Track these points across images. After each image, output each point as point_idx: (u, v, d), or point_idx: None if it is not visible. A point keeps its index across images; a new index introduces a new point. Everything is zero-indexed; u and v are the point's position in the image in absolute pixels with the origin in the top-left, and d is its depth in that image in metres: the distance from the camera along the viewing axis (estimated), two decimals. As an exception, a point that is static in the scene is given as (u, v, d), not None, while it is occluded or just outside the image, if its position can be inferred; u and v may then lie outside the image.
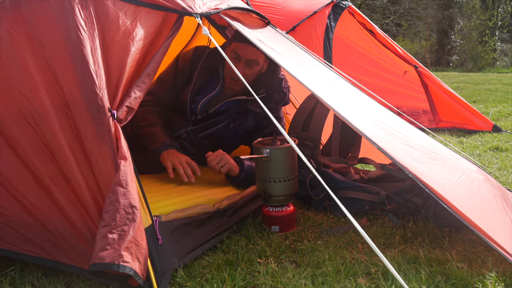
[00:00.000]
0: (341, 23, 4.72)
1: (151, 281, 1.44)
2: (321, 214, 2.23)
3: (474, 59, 17.11)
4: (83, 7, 1.66)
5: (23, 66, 1.61)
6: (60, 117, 1.57)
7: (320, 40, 4.54)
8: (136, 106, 1.63)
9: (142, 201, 1.53)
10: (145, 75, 1.67)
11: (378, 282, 1.55)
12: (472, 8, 18.47)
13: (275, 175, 1.98)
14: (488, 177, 2.08)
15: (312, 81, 1.88)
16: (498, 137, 4.04)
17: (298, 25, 4.62)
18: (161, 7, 1.77)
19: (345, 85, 2.27)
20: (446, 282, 1.54)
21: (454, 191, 1.69)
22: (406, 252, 1.77)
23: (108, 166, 1.50)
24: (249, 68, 2.25)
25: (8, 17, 1.66)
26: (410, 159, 1.65)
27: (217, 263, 1.71)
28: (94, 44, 1.61)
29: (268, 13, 4.37)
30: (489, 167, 3.03)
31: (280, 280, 1.58)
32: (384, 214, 2.13)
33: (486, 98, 7.01)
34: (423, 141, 2.00)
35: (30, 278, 1.66)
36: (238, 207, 2.05)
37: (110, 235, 1.37)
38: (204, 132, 2.43)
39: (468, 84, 9.71)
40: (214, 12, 1.85)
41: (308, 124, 2.42)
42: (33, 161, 1.59)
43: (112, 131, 1.51)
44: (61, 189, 1.57)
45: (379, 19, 17.76)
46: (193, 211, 1.85)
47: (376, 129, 1.78)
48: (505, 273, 1.58)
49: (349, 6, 4.74)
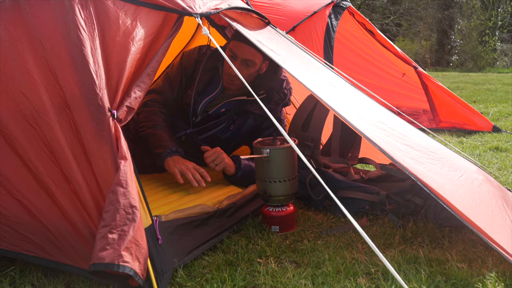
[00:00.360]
0: (341, 23, 4.72)
1: (151, 281, 1.44)
2: (321, 214, 2.23)
3: (474, 59, 17.12)
4: (83, 7, 1.66)
5: (23, 66, 1.61)
6: (60, 117, 1.57)
7: (320, 40, 4.54)
8: (136, 106, 1.63)
9: (142, 201, 1.53)
10: (145, 75, 1.67)
11: (378, 282, 1.55)
12: (472, 8, 18.49)
13: (275, 175, 1.98)
14: (488, 177, 2.08)
15: (312, 81, 1.88)
16: (498, 137, 4.04)
17: (298, 25, 4.62)
18: (161, 7, 1.77)
19: (345, 86, 2.27)
20: (446, 282, 1.54)
21: (454, 191, 1.69)
22: (406, 252, 1.77)
23: (108, 166, 1.49)
24: (246, 67, 2.25)
25: (8, 17, 1.66)
26: (410, 160, 1.65)
27: (217, 263, 1.71)
28: (94, 44, 1.61)
29: (268, 13, 4.37)
30: (489, 167, 3.03)
31: (280, 280, 1.58)
32: (384, 214, 2.13)
33: (486, 98, 7.01)
34: (423, 142, 2.00)
35: (30, 278, 1.66)
36: (238, 207, 2.05)
37: (110, 235, 1.37)
38: (203, 134, 2.42)
39: (468, 84, 9.72)
40: (214, 12, 1.85)
41: (308, 124, 2.42)
42: (33, 161, 1.59)
43: (112, 131, 1.51)
44: (61, 189, 1.57)
45: (379, 19, 17.77)
46: (193, 211, 1.85)
47: (376, 130, 1.78)
48: (505, 273, 1.58)
49: (349, 7, 4.75)
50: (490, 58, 17.32)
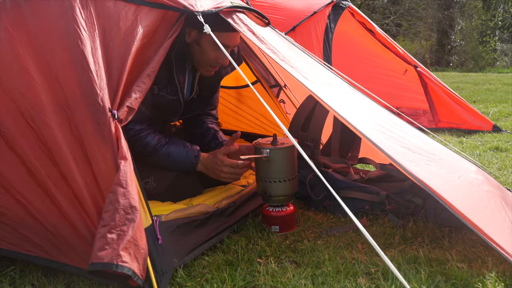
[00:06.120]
0: (341, 23, 4.72)
1: (151, 281, 1.44)
2: (321, 214, 2.23)
3: (475, 59, 17.13)
4: (83, 7, 1.66)
5: (22, 66, 1.61)
6: (59, 117, 1.57)
7: (320, 41, 4.54)
8: (137, 106, 1.62)
9: (142, 201, 1.53)
10: (145, 75, 1.67)
11: (378, 282, 1.55)
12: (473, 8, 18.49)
13: (275, 175, 1.98)
14: (488, 177, 2.08)
15: (311, 81, 1.88)
16: (498, 137, 4.04)
17: (298, 25, 4.62)
18: (163, 5, 1.77)
19: (344, 87, 2.27)
20: (446, 282, 1.54)
21: (453, 191, 1.69)
22: (406, 252, 1.77)
23: (108, 166, 1.49)
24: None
25: (8, 17, 1.66)
26: (408, 162, 1.65)
27: (217, 263, 1.71)
28: (94, 44, 1.61)
29: (268, 13, 4.37)
30: (489, 167, 3.03)
31: (280, 280, 1.58)
32: (384, 214, 2.13)
33: (486, 98, 7.01)
34: (422, 143, 2.00)
35: (30, 278, 1.66)
36: (237, 206, 2.06)
37: (109, 235, 1.37)
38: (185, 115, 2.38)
39: (468, 84, 9.72)
40: (215, 11, 1.85)
41: (308, 124, 2.42)
42: (32, 161, 1.59)
43: (112, 131, 1.50)
44: (60, 189, 1.57)
45: (379, 19, 17.77)
46: (193, 210, 1.85)
47: (374, 132, 1.78)
48: (505, 273, 1.58)
49: (349, 6, 4.74)
50: (491, 58, 17.33)
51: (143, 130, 2.01)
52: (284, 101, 3.06)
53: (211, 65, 2.13)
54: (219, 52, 2.01)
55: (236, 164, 2.06)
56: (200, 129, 2.45)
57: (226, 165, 2.06)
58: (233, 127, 3.32)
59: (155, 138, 2.04)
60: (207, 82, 2.32)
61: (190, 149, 2.10)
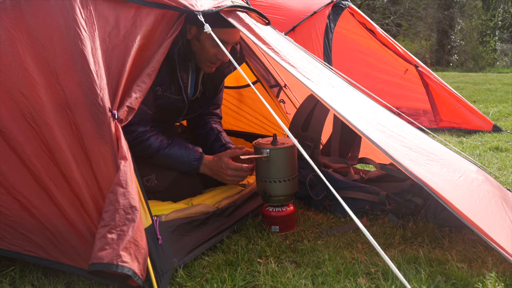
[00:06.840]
0: (341, 23, 4.72)
1: (151, 281, 1.44)
2: (321, 214, 2.23)
3: (475, 59, 17.13)
4: (83, 7, 1.66)
5: (23, 66, 1.61)
6: (60, 117, 1.57)
7: (320, 41, 4.54)
8: (137, 106, 1.63)
9: (142, 201, 1.53)
10: (145, 75, 1.67)
11: (378, 282, 1.56)
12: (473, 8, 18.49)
13: (275, 175, 1.98)
14: (488, 177, 2.08)
15: (312, 81, 1.88)
16: (498, 137, 4.04)
17: (298, 25, 4.62)
18: (163, 5, 1.77)
19: (345, 86, 2.27)
20: (446, 282, 1.54)
21: (453, 191, 1.69)
22: (406, 252, 1.77)
23: (108, 166, 1.49)
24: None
25: (9, 17, 1.66)
26: (409, 161, 1.65)
27: (217, 263, 1.71)
28: (94, 44, 1.61)
29: (268, 13, 4.38)
30: (489, 167, 3.03)
31: (280, 280, 1.58)
32: (384, 214, 2.13)
33: (486, 98, 7.01)
34: (422, 143, 2.00)
35: (30, 278, 1.66)
36: (237, 206, 2.06)
37: (109, 235, 1.37)
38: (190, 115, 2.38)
39: (468, 84, 9.72)
40: (216, 10, 1.85)
41: (308, 124, 2.42)
42: (33, 161, 1.59)
43: (112, 131, 1.51)
44: (61, 189, 1.57)
45: (379, 19, 17.77)
46: (193, 210, 1.85)
47: (375, 131, 1.78)
48: (505, 273, 1.58)
49: (349, 6, 4.74)
50: (491, 58, 17.34)
51: (146, 132, 2.01)
52: (284, 101, 3.06)
53: (211, 61, 2.13)
54: (219, 48, 2.02)
55: (240, 167, 2.07)
56: (204, 130, 2.46)
57: (231, 168, 2.07)
58: (233, 127, 3.32)
59: (158, 140, 2.04)
60: (210, 81, 2.32)
61: (192, 151, 2.10)
